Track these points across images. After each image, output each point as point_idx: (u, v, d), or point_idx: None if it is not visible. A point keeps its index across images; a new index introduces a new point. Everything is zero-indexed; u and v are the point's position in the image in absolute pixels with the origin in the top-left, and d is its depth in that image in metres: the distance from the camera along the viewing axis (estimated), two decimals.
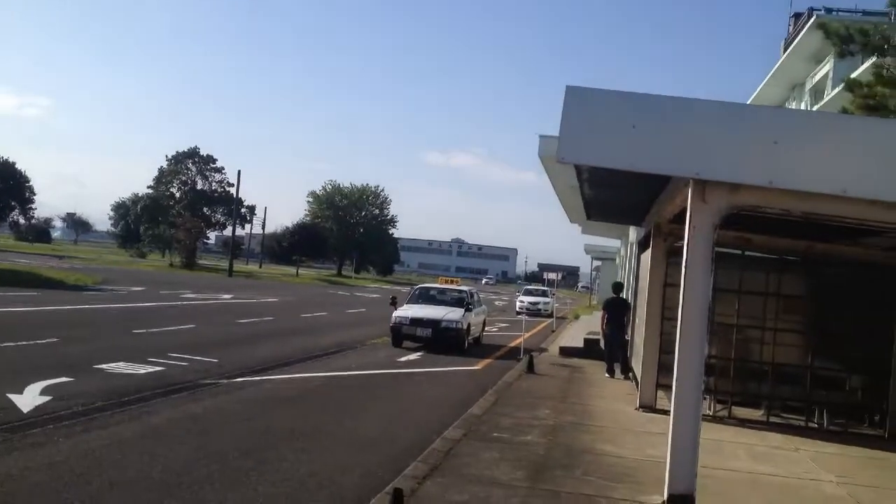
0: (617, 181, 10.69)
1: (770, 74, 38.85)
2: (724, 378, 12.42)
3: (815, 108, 33.22)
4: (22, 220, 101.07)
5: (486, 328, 25.66)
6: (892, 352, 11.70)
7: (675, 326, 7.16)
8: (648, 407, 12.38)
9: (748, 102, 36.16)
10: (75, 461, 7.53)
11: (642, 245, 16.12)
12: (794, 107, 37.78)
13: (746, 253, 12.44)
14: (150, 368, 13.36)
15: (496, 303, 57.69)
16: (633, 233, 23.54)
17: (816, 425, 12.19)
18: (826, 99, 30.56)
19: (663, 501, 6.92)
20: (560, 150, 7.44)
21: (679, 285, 7.17)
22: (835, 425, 12.11)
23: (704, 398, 11.83)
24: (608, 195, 13.76)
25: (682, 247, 7.33)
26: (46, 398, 10.17)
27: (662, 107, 7.32)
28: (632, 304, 17.70)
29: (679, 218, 10.72)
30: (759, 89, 40.97)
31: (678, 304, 7.20)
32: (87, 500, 6.39)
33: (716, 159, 6.99)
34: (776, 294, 12.41)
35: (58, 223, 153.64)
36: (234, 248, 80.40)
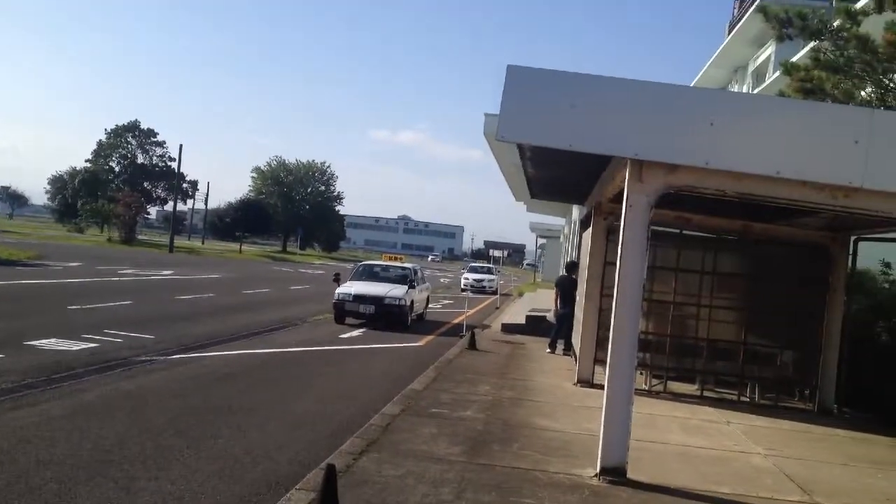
0: (558, 160, 10.73)
1: (714, 57, 39.42)
2: (661, 354, 12.64)
3: (756, 90, 33.83)
4: None
5: (429, 305, 25.70)
6: (823, 329, 12.03)
7: (612, 303, 7.25)
8: (587, 382, 12.55)
9: (692, 85, 36.68)
10: (2, 439, 7.33)
11: (584, 224, 16.27)
12: (736, 89, 38.41)
13: (684, 232, 12.63)
14: (84, 345, 13.06)
15: (441, 280, 57.82)
16: (577, 211, 23.78)
17: (748, 399, 12.50)
18: (767, 82, 31.13)
19: (596, 474, 7.03)
20: (500, 129, 7.44)
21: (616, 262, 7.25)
22: (766, 399, 12.43)
23: (640, 373, 12.09)
24: (550, 174, 13.84)
25: (620, 226, 7.40)
26: None
27: (601, 87, 7.35)
28: None
29: (619, 197, 10.79)
30: (702, 71, 41.57)
31: (614, 281, 7.29)
32: (14, 479, 6.23)
33: (653, 140, 7.06)
34: (712, 272, 12.64)
35: None
36: (175, 223, 78.86)
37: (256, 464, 7.32)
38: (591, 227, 13.40)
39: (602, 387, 7.29)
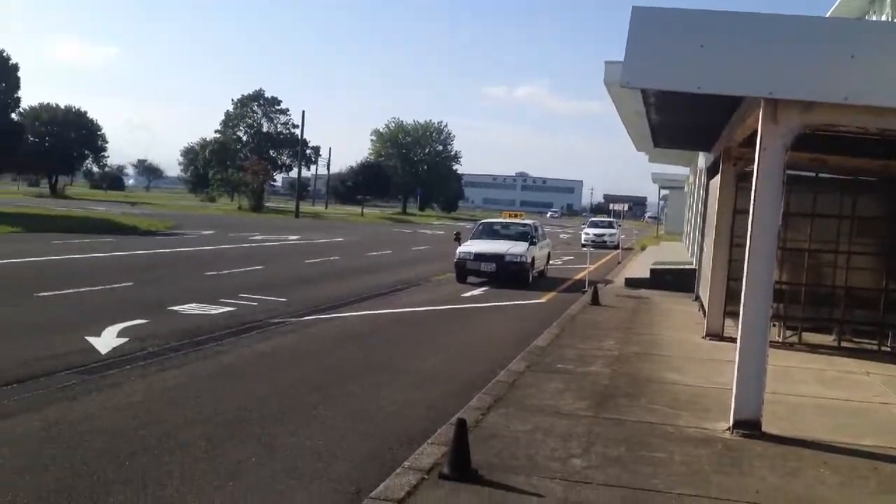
0: (685, 105, 10.33)
1: None
2: (795, 304, 12.12)
3: None
4: (95, 169, 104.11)
5: (550, 262, 25.53)
6: None
7: (743, 253, 6.98)
8: (716, 335, 12.20)
9: (826, 16, 34.45)
10: (152, 400, 7.81)
11: (711, 171, 15.69)
12: (874, 19, 35.88)
13: (820, 175, 11.98)
14: (222, 309, 13.70)
15: (561, 236, 57.33)
16: (703, 159, 22.91)
17: (889, 349, 11.85)
18: None
19: (729, 427, 6.85)
20: (625, 74, 7.19)
21: (749, 211, 6.95)
22: None
23: (773, 324, 11.62)
24: (676, 120, 13.36)
25: (752, 171, 7.08)
26: (123, 340, 10.54)
27: (732, 24, 6.99)
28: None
29: (750, 141, 10.34)
30: (836, 3, 39.03)
31: (745, 230, 7.00)
32: (164, 438, 6.62)
33: (788, 77, 6.67)
34: (851, 216, 11.96)
35: (130, 170, 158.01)
36: (300, 189, 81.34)
37: (389, 419, 7.51)
38: (719, 175, 12.90)
39: (732, 340, 7.09)
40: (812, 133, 7.16)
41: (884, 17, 33.54)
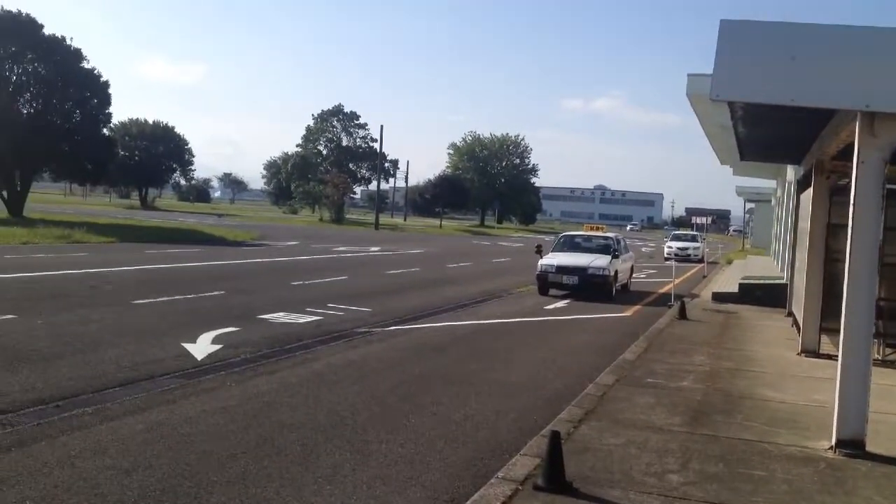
0: (774, 117, 10.15)
1: None
2: (895, 321, 11.69)
3: None
4: (183, 182, 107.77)
5: (633, 275, 25.24)
6: None
7: (839, 268, 6.81)
8: (812, 352, 11.85)
9: None
10: (247, 404, 8.05)
11: (802, 184, 15.30)
12: None
13: None
14: (309, 318, 14.00)
15: (643, 249, 56.51)
16: (791, 172, 22.33)
17: None
18: None
19: (831, 446, 6.67)
20: (714, 88, 7.12)
21: (843, 225, 6.79)
22: None
23: (873, 342, 11.24)
24: (764, 133, 13.10)
25: (845, 185, 6.93)
26: (217, 346, 10.89)
27: (824, 36, 6.86)
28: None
29: (843, 154, 10.07)
30: None
31: (841, 245, 6.83)
32: (261, 441, 6.82)
33: (886, 88, 6.51)
34: None
35: (215, 183, 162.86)
36: (379, 201, 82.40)
37: (477, 429, 7.56)
38: (811, 188, 12.58)
39: (829, 356, 6.92)
40: None
41: None
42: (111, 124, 56.21)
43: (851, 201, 6.76)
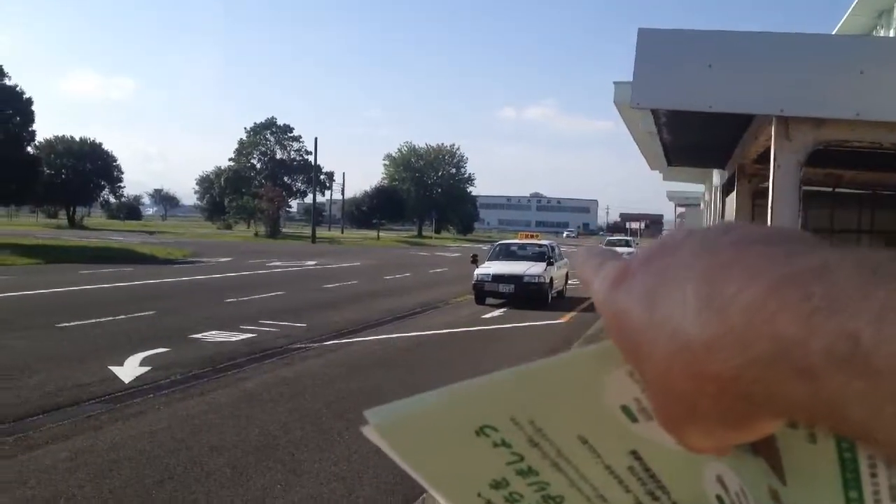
0: (696, 124, 10.35)
1: (853, 5, 36.93)
2: None
3: None
4: (112, 199, 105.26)
5: (569, 281, 25.54)
6: None
7: None
8: None
9: (833, 33, 34.50)
10: (176, 428, 7.87)
11: (726, 188, 15.67)
12: (881, 34, 35.86)
13: (836, 190, 11.95)
14: (243, 336, 13.78)
15: None
16: (717, 176, 22.92)
17: None
18: None
19: None
20: (635, 95, 7.21)
21: None
22: None
23: None
24: (688, 139, 13.36)
25: (767, 188, 7.10)
26: (146, 368, 10.63)
27: (740, 43, 7.03)
28: None
29: (763, 158, 10.35)
30: (843, 20, 39.06)
31: None
32: (190, 465, 6.67)
33: (799, 94, 6.70)
34: (869, 231, 11.90)
35: (146, 200, 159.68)
36: (315, 215, 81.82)
37: None
38: (734, 192, 12.90)
39: None
40: (826, 149, 7.17)
41: (892, 33, 33.49)
42: (35, 142, 54.68)
43: (769, 204, 6.94)
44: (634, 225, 54.22)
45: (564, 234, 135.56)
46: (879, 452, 0.33)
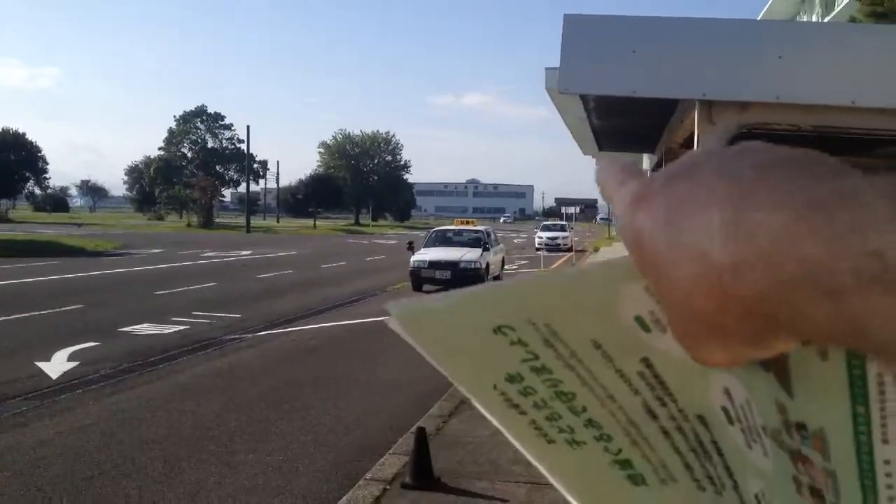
0: (624, 109, 10.51)
1: None
2: None
3: (826, 19, 32.49)
4: (38, 191, 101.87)
5: (505, 266, 25.74)
6: None
7: None
8: None
9: (758, 18, 35.39)
10: (106, 423, 7.70)
11: (655, 172, 15.99)
12: (805, 19, 36.94)
13: None
14: (175, 328, 13.54)
15: (515, 241, 57.70)
16: (647, 161, 23.36)
17: None
18: (837, 9, 29.91)
19: None
20: (562, 81, 7.27)
21: None
22: None
23: None
24: (617, 124, 13.57)
25: None
26: (74, 363, 10.36)
27: (662, 28, 7.14)
28: None
29: (690, 142, 10.58)
30: (767, 6, 40.14)
31: None
32: (120, 460, 6.55)
33: (721, 79, 6.85)
34: None
35: (74, 191, 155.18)
36: (249, 204, 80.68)
37: (349, 431, 7.52)
38: None
39: None
40: (750, 132, 7.37)
41: (814, 18, 34.66)
42: None
43: None
44: (569, 209, 54.65)
45: (501, 220, 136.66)
46: (893, 369, 0.35)
